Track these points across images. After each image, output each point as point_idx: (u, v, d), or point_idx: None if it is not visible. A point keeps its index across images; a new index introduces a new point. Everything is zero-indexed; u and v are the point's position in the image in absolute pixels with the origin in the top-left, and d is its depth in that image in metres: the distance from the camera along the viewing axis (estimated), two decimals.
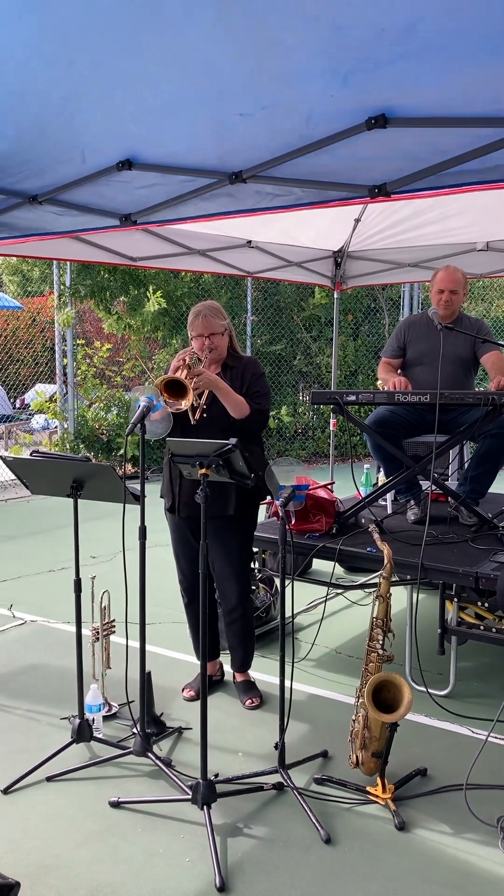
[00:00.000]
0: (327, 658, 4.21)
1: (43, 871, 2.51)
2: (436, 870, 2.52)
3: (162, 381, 3.08)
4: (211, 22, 2.00)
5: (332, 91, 2.28)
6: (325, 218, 5.73)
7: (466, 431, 4.13)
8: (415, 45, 2.00)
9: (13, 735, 3.36)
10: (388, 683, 2.87)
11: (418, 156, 2.57)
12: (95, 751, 3.23)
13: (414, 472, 4.21)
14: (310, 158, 2.70)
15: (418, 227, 5.76)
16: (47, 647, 4.34)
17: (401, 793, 2.92)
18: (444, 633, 3.59)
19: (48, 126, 2.76)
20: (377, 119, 2.39)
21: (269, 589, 4.53)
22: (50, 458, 3.15)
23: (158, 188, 3.20)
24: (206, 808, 2.69)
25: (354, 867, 2.53)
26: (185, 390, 3.05)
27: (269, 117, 2.51)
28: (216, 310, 3.48)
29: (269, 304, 11.72)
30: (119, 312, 9.53)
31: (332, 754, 3.20)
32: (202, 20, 2.00)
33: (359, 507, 4.24)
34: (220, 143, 2.77)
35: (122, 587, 3.14)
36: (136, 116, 2.63)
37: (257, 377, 3.50)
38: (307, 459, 11.47)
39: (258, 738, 3.33)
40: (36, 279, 14.15)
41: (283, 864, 2.54)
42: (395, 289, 11.90)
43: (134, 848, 2.62)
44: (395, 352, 4.65)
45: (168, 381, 3.08)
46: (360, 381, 11.84)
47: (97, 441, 10.18)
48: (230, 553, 3.54)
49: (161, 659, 4.13)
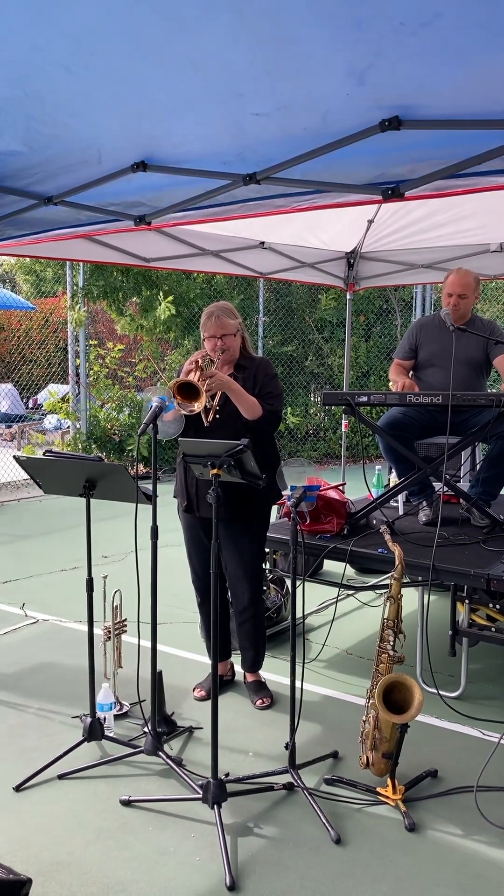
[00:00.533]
0: (338, 659, 4.21)
1: (55, 868, 2.52)
2: (446, 871, 2.52)
3: (175, 385, 3.08)
4: (227, 22, 2.01)
5: (347, 89, 2.29)
6: (340, 221, 5.75)
7: (478, 433, 4.13)
8: (433, 40, 2.00)
9: (25, 733, 3.39)
10: (399, 685, 2.87)
11: (432, 157, 2.57)
12: (107, 749, 3.24)
13: (426, 474, 4.20)
14: (324, 160, 2.70)
15: (431, 228, 5.75)
16: (59, 646, 4.36)
17: (411, 794, 2.92)
18: (456, 634, 3.58)
19: (64, 129, 2.78)
20: (391, 121, 2.40)
21: (280, 589, 4.53)
22: (63, 458, 3.17)
23: (173, 189, 3.21)
24: (216, 808, 2.70)
25: (365, 868, 2.53)
26: (198, 393, 3.05)
27: (285, 118, 2.52)
28: (229, 310, 3.48)
29: (280, 305, 11.73)
30: (132, 313, 9.56)
31: (343, 755, 3.20)
32: (218, 21, 2.01)
33: (370, 509, 4.24)
34: (235, 145, 2.78)
35: (133, 587, 3.15)
36: (152, 118, 2.65)
37: (270, 378, 3.51)
38: (318, 460, 11.47)
39: (268, 738, 3.34)
40: (49, 279, 14.22)
41: (294, 864, 2.55)
42: (407, 290, 11.88)
43: (145, 846, 2.63)
44: (406, 353, 4.64)
45: (181, 384, 3.08)
46: (372, 383, 11.82)
47: (109, 441, 10.22)
48: (242, 554, 3.55)
49: (172, 658, 4.15)
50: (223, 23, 2.01)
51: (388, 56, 2.10)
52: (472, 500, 4.30)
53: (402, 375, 4.55)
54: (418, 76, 2.19)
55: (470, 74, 2.15)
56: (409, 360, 4.64)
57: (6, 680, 3.91)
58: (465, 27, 1.93)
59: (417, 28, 1.95)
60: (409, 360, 4.64)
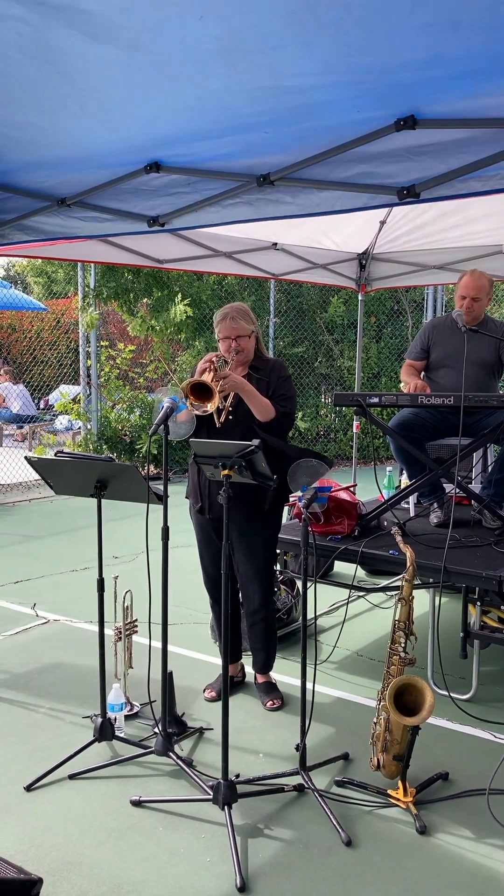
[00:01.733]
0: (349, 660, 4.20)
1: (65, 868, 2.53)
2: (457, 875, 2.51)
3: (188, 385, 3.07)
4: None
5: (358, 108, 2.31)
6: (353, 223, 5.74)
7: (490, 434, 4.11)
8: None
9: (36, 733, 3.39)
10: (410, 686, 2.86)
11: (448, 157, 2.55)
12: (117, 750, 3.25)
13: (437, 475, 4.19)
14: (338, 160, 2.70)
15: (443, 230, 5.74)
16: (70, 647, 4.37)
17: (422, 797, 2.91)
18: (467, 636, 3.57)
19: (77, 128, 2.78)
20: (406, 120, 2.39)
21: (291, 591, 4.53)
22: (74, 459, 3.17)
23: (186, 191, 3.21)
24: (227, 809, 2.70)
25: (375, 870, 2.52)
26: (211, 393, 3.05)
27: (297, 121, 2.52)
28: (244, 312, 3.48)
29: (291, 306, 11.73)
30: (143, 314, 9.58)
31: (354, 757, 3.20)
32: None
33: (381, 510, 4.23)
34: (248, 146, 2.77)
35: (144, 587, 3.15)
36: (165, 119, 2.65)
37: (283, 380, 3.50)
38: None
39: (279, 740, 3.33)
40: (60, 281, 14.26)
41: (304, 866, 2.54)
42: (418, 291, 11.85)
43: (155, 847, 2.63)
44: (418, 354, 4.63)
45: (194, 384, 3.07)
46: (383, 384, 11.79)
47: (120, 442, 10.24)
48: (254, 555, 3.54)
49: (183, 659, 4.15)
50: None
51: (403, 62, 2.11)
52: (483, 502, 4.28)
53: (414, 376, 4.53)
54: (435, 82, 2.20)
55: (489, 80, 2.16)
56: (421, 360, 4.63)
57: (17, 680, 3.93)
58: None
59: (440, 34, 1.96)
60: (421, 360, 4.63)
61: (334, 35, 2.06)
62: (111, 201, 3.40)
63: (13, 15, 2.02)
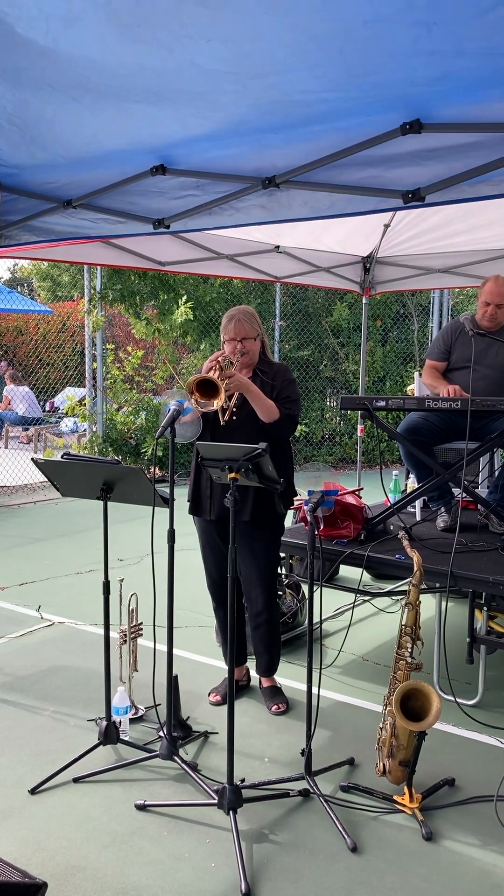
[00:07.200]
0: (354, 665, 4.19)
1: (70, 872, 2.51)
2: (463, 881, 2.50)
3: (194, 380, 3.09)
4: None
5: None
6: (353, 220, 5.69)
7: (497, 439, 4.09)
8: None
9: (40, 736, 3.38)
10: (417, 692, 2.85)
11: (454, 160, 2.55)
12: (122, 753, 3.24)
13: (444, 480, 4.17)
14: (344, 163, 2.69)
15: (447, 236, 5.72)
16: (75, 649, 4.36)
17: (428, 802, 2.89)
18: (473, 641, 3.55)
19: (84, 130, 2.78)
20: (412, 124, 2.38)
21: (296, 595, 4.52)
22: (81, 461, 3.17)
23: (192, 193, 3.21)
24: (231, 813, 2.68)
25: (381, 877, 2.51)
26: (217, 390, 3.07)
27: (304, 124, 2.52)
28: (251, 315, 3.48)
29: (297, 309, 11.73)
30: (148, 317, 9.59)
31: (359, 762, 3.18)
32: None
33: (388, 514, 4.21)
34: (255, 149, 2.77)
35: (149, 590, 3.14)
36: (171, 121, 2.65)
37: (288, 383, 3.50)
38: (334, 465, 11.44)
39: (284, 744, 3.32)
40: (66, 284, 14.30)
41: (309, 872, 2.53)
42: (424, 295, 11.84)
43: (160, 851, 2.62)
44: (441, 354, 4.56)
45: (200, 380, 3.09)
46: (388, 388, 11.77)
47: (125, 444, 10.24)
48: (257, 558, 3.53)
49: (188, 663, 4.14)
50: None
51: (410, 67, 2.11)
52: (490, 507, 4.27)
53: (438, 379, 4.46)
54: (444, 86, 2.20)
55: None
56: (442, 361, 4.55)
57: (22, 682, 3.92)
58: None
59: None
60: (444, 361, 4.55)
61: (339, 60, 2.12)
62: (117, 203, 3.40)
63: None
